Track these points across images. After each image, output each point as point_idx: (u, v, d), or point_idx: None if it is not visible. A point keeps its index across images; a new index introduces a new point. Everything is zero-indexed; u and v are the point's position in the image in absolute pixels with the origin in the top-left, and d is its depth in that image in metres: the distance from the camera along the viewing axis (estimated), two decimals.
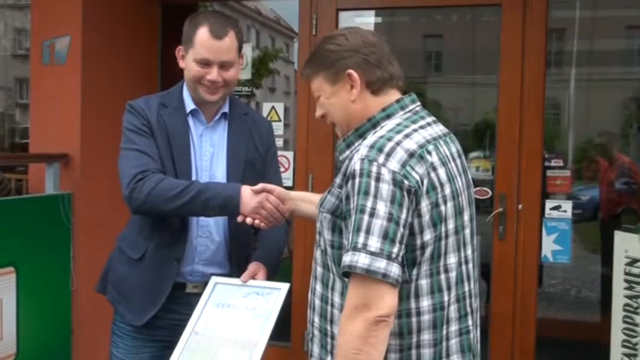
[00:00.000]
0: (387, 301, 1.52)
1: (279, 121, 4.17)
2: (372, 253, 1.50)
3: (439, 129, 1.75)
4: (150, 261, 2.32)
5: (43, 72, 3.97)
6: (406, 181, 1.54)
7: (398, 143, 1.59)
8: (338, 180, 1.67)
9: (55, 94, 3.93)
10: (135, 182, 2.19)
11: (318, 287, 1.76)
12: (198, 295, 2.31)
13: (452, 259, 1.66)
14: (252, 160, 2.40)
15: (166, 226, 2.30)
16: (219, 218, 2.33)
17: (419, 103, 1.79)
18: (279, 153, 4.09)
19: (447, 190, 1.63)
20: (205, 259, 2.34)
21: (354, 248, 1.52)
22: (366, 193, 1.53)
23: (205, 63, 2.24)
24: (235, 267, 2.36)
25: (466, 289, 1.71)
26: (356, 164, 1.58)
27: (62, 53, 3.91)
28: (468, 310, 1.72)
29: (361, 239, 1.51)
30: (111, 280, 2.45)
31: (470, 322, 1.72)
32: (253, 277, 2.25)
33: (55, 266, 3.72)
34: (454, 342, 1.68)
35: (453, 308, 1.67)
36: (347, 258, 1.53)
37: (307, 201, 2.22)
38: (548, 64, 3.76)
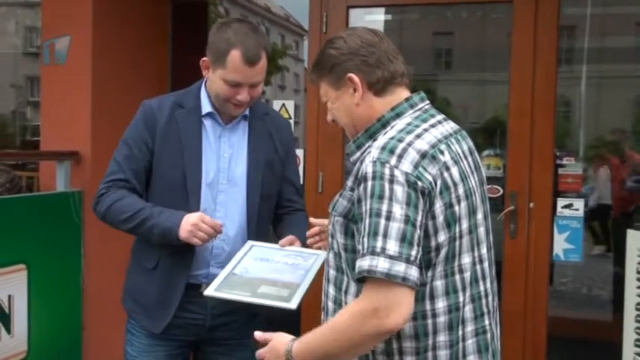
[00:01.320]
0: (406, 307, 1.50)
1: (290, 118, 4.16)
2: (390, 257, 1.47)
3: (450, 126, 1.73)
4: (162, 269, 2.34)
5: (54, 70, 3.98)
6: (420, 182, 1.52)
7: (409, 144, 1.57)
8: (349, 183, 1.65)
9: (66, 93, 3.94)
10: (99, 196, 2.33)
11: (332, 290, 1.74)
12: (213, 296, 2.33)
13: (466, 259, 1.64)
14: (271, 162, 2.40)
15: None
16: (237, 219, 2.34)
17: (428, 102, 1.77)
18: None
19: (461, 190, 1.62)
20: (220, 262, 2.32)
21: (373, 252, 1.49)
22: (381, 197, 1.51)
23: (236, 85, 2.22)
24: None
25: (481, 288, 1.69)
26: (367, 167, 1.55)
27: (62, 53, 3.92)
28: (485, 309, 1.70)
29: (379, 243, 1.48)
30: (129, 290, 2.47)
31: (486, 322, 1.70)
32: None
33: (65, 264, 3.73)
34: (470, 342, 1.66)
35: (469, 308, 1.66)
36: (365, 262, 1.50)
37: None
38: (559, 61, 3.73)
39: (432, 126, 1.67)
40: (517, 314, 3.67)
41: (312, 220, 2.20)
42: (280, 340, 1.70)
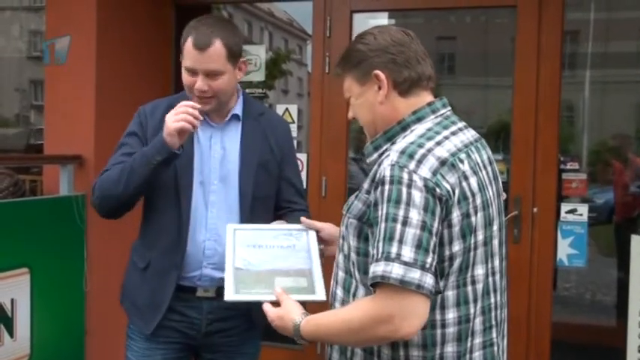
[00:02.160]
0: (420, 316, 1.48)
1: (293, 123, 4.16)
2: (405, 263, 1.44)
3: (470, 134, 1.71)
4: (153, 269, 2.33)
5: (57, 74, 3.99)
6: (438, 189, 1.50)
7: (429, 150, 1.55)
8: (366, 185, 1.62)
9: (69, 96, 3.95)
10: (93, 187, 2.36)
11: (339, 292, 1.71)
12: (210, 299, 2.31)
13: (479, 271, 1.62)
14: (265, 163, 2.37)
15: (165, 234, 2.30)
16: (228, 220, 2.27)
17: (450, 108, 1.73)
18: None
19: (478, 200, 1.59)
20: (214, 263, 2.30)
21: (387, 258, 1.46)
22: (398, 201, 1.48)
23: (192, 72, 2.23)
24: None
25: (492, 300, 1.67)
26: (386, 170, 1.52)
27: (62, 53, 3.92)
28: (493, 322, 1.67)
29: (394, 249, 1.45)
30: (125, 290, 2.47)
31: (494, 335, 1.68)
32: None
33: (68, 267, 3.73)
34: (477, 354, 1.64)
35: (478, 320, 1.63)
36: (379, 268, 1.46)
37: None
38: (563, 66, 3.73)
39: (453, 133, 1.65)
40: (521, 319, 3.66)
41: (302, 219, 2.16)
42: (292, 310, 1.72)
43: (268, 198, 2.41)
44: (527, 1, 3.65)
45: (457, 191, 1.54)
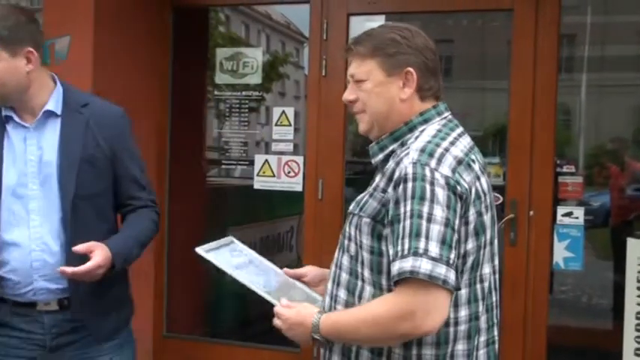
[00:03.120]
0: (443, 311, 1.50)
1: (290, 125, 4.16)
2: (433, 259, 1.46)
3: (469, 140, 1.73)
4: None
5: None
6: (459, 187, 1.53)
7: (446, 150, 1.58)
8: (382, 184, 1.62)
9: None
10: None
11: (342, 294, 1.70)
12: (51, 312, 2.16)
13: (486, 269, 1.66)
14: (90, 158, 2.17)
15: None
16: (55, 227, 2.14)
17: (450, 112, 1.76)
18: (289, 157, 4.13)
19: (488, 200, 1.64)
20: (45, 275, 2.13)
21: (415, 253, 1.47)
22: (422, 198, 1.50)
23: None
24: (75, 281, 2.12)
25: (494, 299, 1.71)
26: (407, 168, 1.54)
27: (62, 53, 3.91)
28: (495, 320, 1.71)
29: (422, 244, 1.47)
30: None
31: (495, 333, 1.72)
32: (87, 255, 2.03)
33: None
34: (482, 352, 1.67)
35: (484, 318, 1.67)
36: (406, 264, 1.47)
37: None
38: (559, 69, 3.74)
39: (460, 135, 1.69)
40: (517, 323, 3.66)
41: (285, 270, 2.01)
42: (308, 309, 1.70)
43: (97, 197, 2.21)
44: (524, 5, 3.66)
45: (473, 189, 1.58)
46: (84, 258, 2.05)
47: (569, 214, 3.67)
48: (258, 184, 4.20)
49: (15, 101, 2.16)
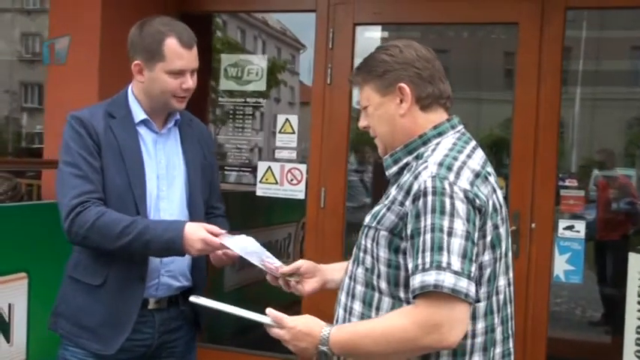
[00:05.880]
0: (464, 324, 1.51)
1: (293, 133, 4.16)
2: (455, 272, 1.48)
3: (482, 153, 1.74)
4: (113, 285, 2.18)
5: (59, 76, 3.97)
6: (477, 200, 1.55)
7: (464, 163, 1.60)
8: (400, 197, 1.63)
9: (71, 99, 3.91)
10: (74, 215, 2.10)
11: (357, 306, 1.70)
12: (161, 310, 2.25)
13: (501, 282, 1.67)
14: (203, 168, 2.37)
15: None
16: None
17: (463, 125, 1.77)
18: (292, 165, 4.14)
19: (503, 213, 1.65)
20: (171, 271, 2.25)
21: (439, 267, 1.48)
22: (442, 212, 1.51)
23: (180, 73, 2.18)
24: (196, 279, 2.33)
25: (509, 310, 1.71)
26: (427, 182, 1.55)
27: (62, 53, 3.90)
28: (510, 332, 1.72)
29: (445, 258, 1.48)
30: (64, 313, 2.31)
31: (511, 345, 1.72)
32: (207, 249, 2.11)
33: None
34: None
35: (499, 330, 1.67)
36: (429, 277, 1.49)
37: (340, 270, 1.96)
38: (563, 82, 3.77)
39: (474, 149, 1.70)
40: (516, 335, 3.65)
41: (282, 270, 2.06)
42: (314, 320, 1.68)
43: (204, 203, 2.39)
44: (530, 18, 3.69)
45: (490, 202, 1.59)
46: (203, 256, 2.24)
47: (570, 228, 3.69)
48: (261, 190, 4.21)
49: (158, 109, 2.28)
